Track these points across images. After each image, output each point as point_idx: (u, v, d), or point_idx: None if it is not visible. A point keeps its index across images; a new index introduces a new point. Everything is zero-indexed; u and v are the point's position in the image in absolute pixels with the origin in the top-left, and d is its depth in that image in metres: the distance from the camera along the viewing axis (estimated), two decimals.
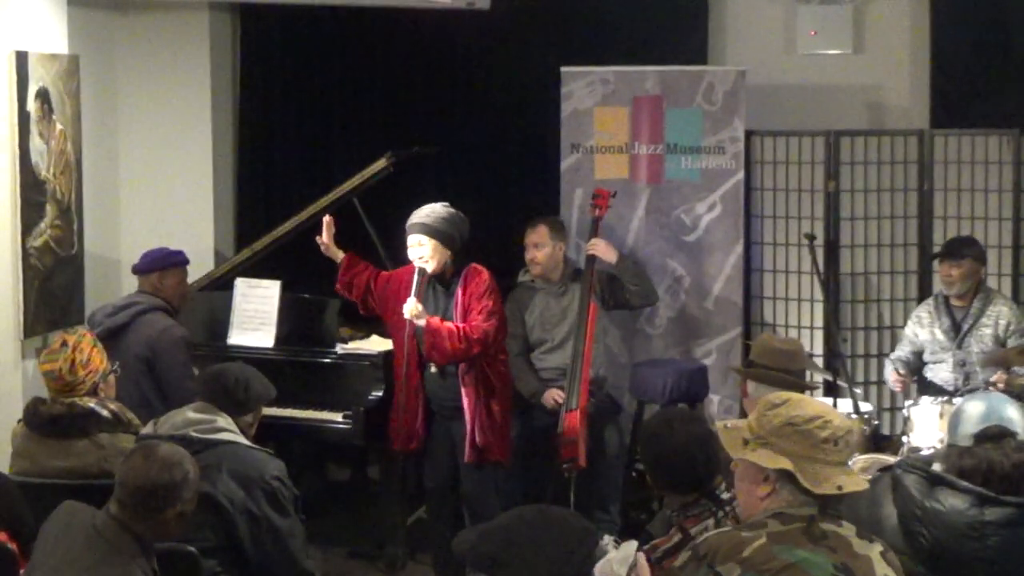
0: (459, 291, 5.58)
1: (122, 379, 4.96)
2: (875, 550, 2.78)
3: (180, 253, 6.02)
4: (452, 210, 5.61)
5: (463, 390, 5.56)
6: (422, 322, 5.47)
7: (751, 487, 2.86)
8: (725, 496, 3.54)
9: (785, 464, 2.78)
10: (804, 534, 2.73)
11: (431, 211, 5.59)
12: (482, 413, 5.56)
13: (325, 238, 5.82)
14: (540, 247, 6.22)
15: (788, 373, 4.21)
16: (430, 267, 5.54)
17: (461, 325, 5.48)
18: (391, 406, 5.80)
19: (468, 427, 5.55)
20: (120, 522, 3.39)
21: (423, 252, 5.54)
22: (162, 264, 5.91)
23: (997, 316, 6.11)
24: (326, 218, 5.89)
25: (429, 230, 5.54)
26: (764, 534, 2.74)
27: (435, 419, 5.73)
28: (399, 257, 6.36)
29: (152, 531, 3.44)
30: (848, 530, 2.78)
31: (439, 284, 5.65)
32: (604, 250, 6.27)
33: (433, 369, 5.64)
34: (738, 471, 2.93)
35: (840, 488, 2.77)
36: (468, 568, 2.80)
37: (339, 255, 5.84)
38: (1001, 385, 5.69)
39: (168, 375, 5.61)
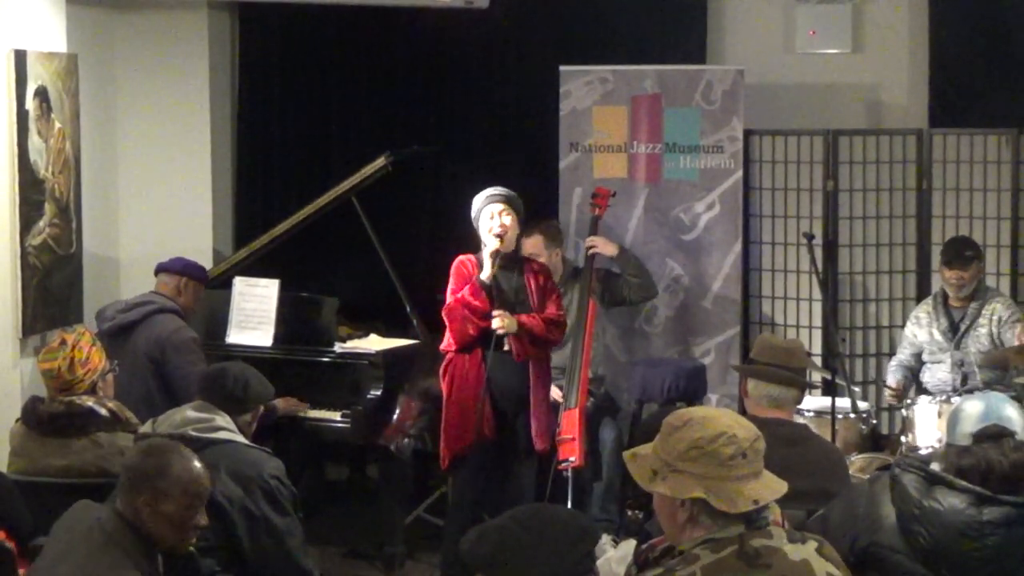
0: (528, 276, 5.49)
1: (128, 376, 4.96)
2: (810, 549, 2.74)
3: (206, 272, 6.05)
4: None
5: (533, 377, 5.43)
6: (514, 327, 5.28)
7: (670, 516, 2.78)
8: None
9: (696, 492, 2.70)
10: (738, 558, 2.67)
11: (505, 188, 5.50)
12: (548, 400, 5.54)
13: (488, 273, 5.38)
14: (536, 257, 6.19)
15: (787, 370, 4.19)
16: (508, 238, 5.38)
17: (545, 314, 5.40)
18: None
19: (544, 415, 5.45)
20: (119, 514, 3.33)
21: (508, 221, 5.39)
22: (192, 273, 5.93)
23: (992, 314, 6.12)
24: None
25: (513, 203, 5.44)
26: (698, 569, 2.67)
27: (496, 417, 5.45)
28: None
29: (142, 521, 3.32)
30: (778, 538, 2.72)
31: (511, 261, 5.49)
32: (604, 244, 6.26)
33: (507, 347, 5.38)
34: (655, 501, 2.84)
35: (756, 502, 2.70)
36: (469, 568, 2.80)
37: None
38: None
39: (175, 375, 5.59)
